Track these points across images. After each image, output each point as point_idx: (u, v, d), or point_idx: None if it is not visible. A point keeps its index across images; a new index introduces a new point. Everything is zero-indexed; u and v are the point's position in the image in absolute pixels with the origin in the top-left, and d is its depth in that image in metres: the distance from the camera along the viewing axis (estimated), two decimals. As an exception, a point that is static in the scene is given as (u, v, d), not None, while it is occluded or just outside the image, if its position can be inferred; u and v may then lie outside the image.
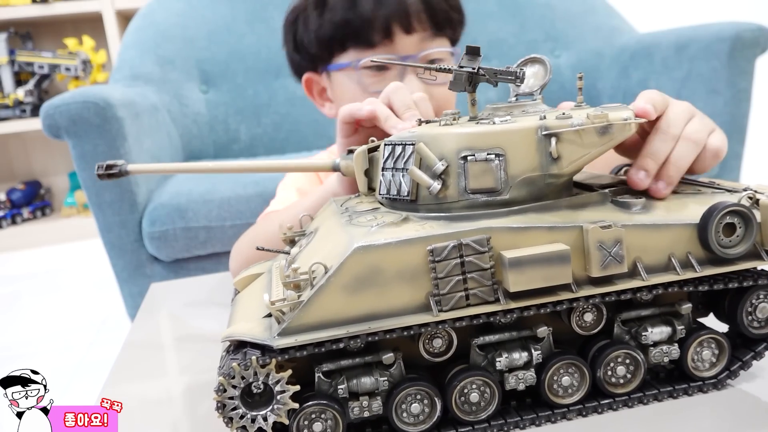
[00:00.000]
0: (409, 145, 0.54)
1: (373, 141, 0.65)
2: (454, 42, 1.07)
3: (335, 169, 0.63)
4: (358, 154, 0.61)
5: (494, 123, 0.53)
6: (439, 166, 0.51)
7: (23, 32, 3.24)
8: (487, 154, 0.51)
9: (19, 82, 3.20)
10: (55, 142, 2.61)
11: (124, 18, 3.11)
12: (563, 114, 0.53)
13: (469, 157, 0.51)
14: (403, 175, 0.54)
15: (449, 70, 0.56)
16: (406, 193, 0.54)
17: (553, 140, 0.51)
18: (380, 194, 0.56)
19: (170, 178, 1.59)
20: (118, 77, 1.73)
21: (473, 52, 0.55)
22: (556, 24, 2.03)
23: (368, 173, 0.63)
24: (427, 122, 0.59)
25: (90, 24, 3.24)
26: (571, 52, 2.04)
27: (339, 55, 1.03)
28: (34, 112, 3.08)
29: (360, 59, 1.00)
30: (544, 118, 0.53)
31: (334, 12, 1.01)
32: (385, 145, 0.56)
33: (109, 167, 0.67)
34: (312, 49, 1.05)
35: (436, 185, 0.52)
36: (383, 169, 0.56)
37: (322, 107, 1.14)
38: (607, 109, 0.55)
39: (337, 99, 1.08)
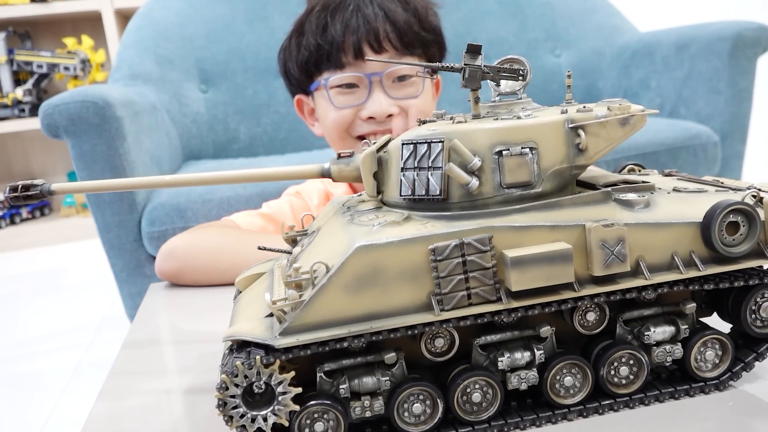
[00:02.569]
0: (435, 142, 0.53)
1: (367, 143, 0.63)
2: (430, 59, 1.13)
3: (324, 174, 0.60)
4: (367, 156, 0.57)
5: (519, 118, 0.53)
6: (476, 162, 0.51)
7: (22, 31, 3.23)
8: (522, 148, 0.52)
9: (17, 81, 3.20)
10: (53, 142, 2.61)
11: (123, 17, 3.11)
12: (584, 107, 0.54)
13: (504, 152, 0.52)
14: (431, 174, 0.53)
15: (453, 68, 0.56)
16: (437, 192, 0.53)
17: (582, 132, 0.53)
18: (401, 195, 0.54)
19: (169, 178, 1.59)
20: (117, 77, 1.73)
21: (474, 50, 0.55)
22: (557, 23, 2.03)
23: (376, 175, 0.59)
24: (424, 122, 0.58)
25: (89, 23, 3.24)
26: (572, 51, 2.04)
27: (316, 77, 1.12)
28: (33, 111, 3.08)
29: (329, 77, 1.08)
30: (566, 111, 0.54)
31: (308, 38, 1.09)
32: (403, 144, 0.54)
33: (25, 188, 0.59)
34: (295, 74, 1.15)
35: (475, 182, 0.51)
36: (404, 170, 0.54)
37: (312, 126, 1.22)
38: (608, 102, 0.55)
39: (319, 117, 1.16)
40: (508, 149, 0.51)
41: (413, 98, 1.09)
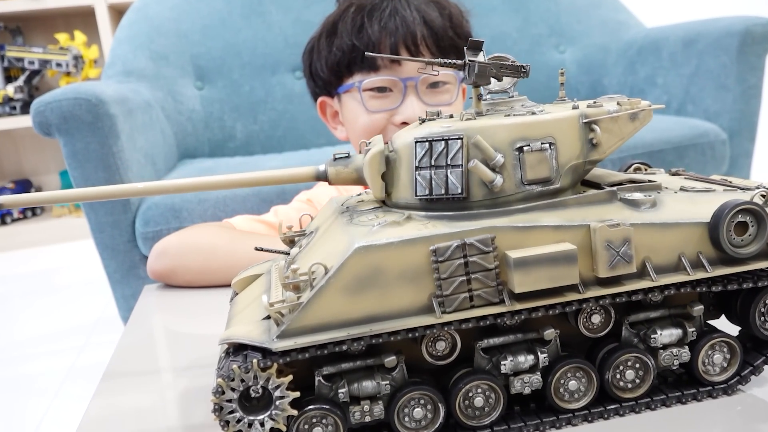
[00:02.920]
0: (453, 139, 0.52)
1: (368, 143, 0.62)
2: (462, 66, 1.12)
3: (319, 177, 0.58)
4: (375, 156, 0.55)
5: (534, 113, 0.54)
6: (500, 159, 0.51)
7: (13, 27, 3.23)
8: (542, 143, 0.52)
9: (8, 78, 3.20)
10: (45, 140, 2.61)
11: (117, 12, 3.11)
12: (594, 102, 0.56)
13: (525, 148, 0.52)
14: (450, 172, 0.52)
15: (454, 64, 0.56)
16: (458, 191, 0.52)
17: (597, 127, 0.53)
18: (417, 196, 0.53)
19: (164, 177, 1.59)
20: (111, 73, 1.73)
21: (475, 46, 0.55)
22: (561, 18, 2.03)
23: (384, 176, 0.58)
24: (423, 121, 0.58)
25: (82, 18, 3.24)
26: (577, 47, 2.04)
27: (346, 79, 1.11)
28: (25, 109, 3.08)
29: (363, 80, 1.08)
30: (578, 107, 0.54)
31: (342, 39, 1.08)
32: (417, 142, 0.53)
33: None
34: (323, 74, 1.13)
35: (500, 179, 0.52)
36: (418, 169, 0.53)
37: (334, 130, 1.21)
38: (610, 98, 0.56)
39: (345, 121, 1.15)
40: (529, 145, 0.52)
41: (446, 105, 1.09)
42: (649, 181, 0.58)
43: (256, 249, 0.65)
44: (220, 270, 0.97)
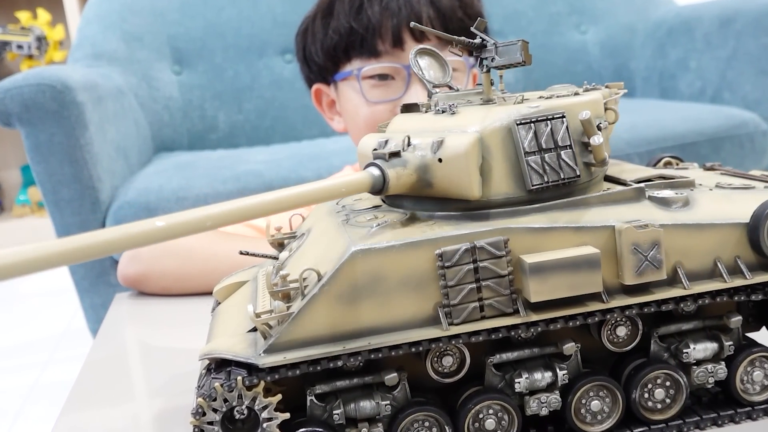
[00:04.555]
0: (557, 118, 0.53)
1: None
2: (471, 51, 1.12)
3: (376, 187, 0.52)
4: (474, 146, 0.51)
5: (578, 93, 0.57)
6: (600, 138, 0.53)
7: (-32, 4, 3.24)
8: (602, 121, 0.55)
9: (-37, 61, 3.20)
10: (5, 131, 2.61)
11: (85, -12, 3.11)
12: (591, 87, 0.59)
13: (601, 124, 0.54)
14: (561, 154, 0.52)
15: (472, 44, 0.56)
16: (575, 173, 0.53)
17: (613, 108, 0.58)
18: (533, 185, 0.52)
19: (138, 172, 1.59)
20: (78, 56, 1.73)
21: (479, 28, 0.56)
22: (583, -5, 2.03)
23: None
24: (408, 108, 0.59)
25: (45, -5, 3.24)
26: (600, 28, 2.04)
27: (344, 65, 1.11)
28: (-19, 96, 3.08)
29: (362, 67, 1.07)
30: (579, 93, 0.57)
31: (339, 20, 1.08)
32: (518, 124, 0.52)
33: None
34: (318, 60, 1.13)
35: (607, 156, 0.54)
36: (527, 154, 0.52)
37: (331, 121, 1.21)
38: (558, 88, 0.60)
39: (343, 112, 1.15)
40: (600, 122, 0.54)
41: None
42: (681, 177, 0.58)
43: (241, 253, 0.65)
44: (200, 276, 0.97)
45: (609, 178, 0.60)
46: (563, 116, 0.52)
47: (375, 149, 0.54)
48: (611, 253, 0.51)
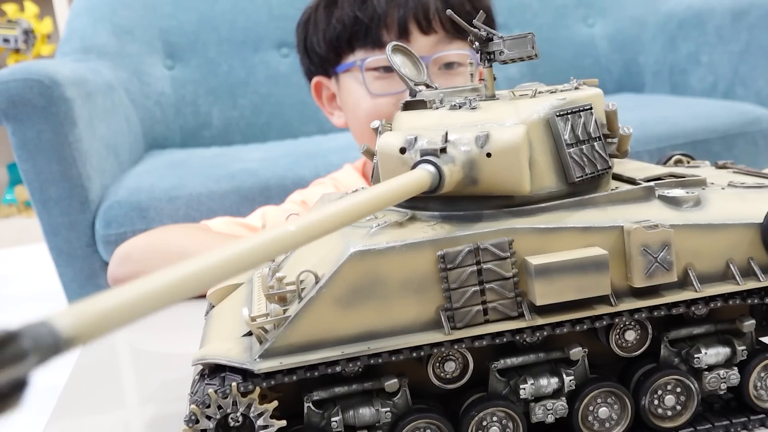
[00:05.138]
0: (586, 110, 0.54)
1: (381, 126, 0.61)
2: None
3: (434, 185, 0.49)
4: (524, 140, 0.50)
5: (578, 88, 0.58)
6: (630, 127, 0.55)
7: (-47, -3, 3.24)
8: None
9: (-53, 56, 3.20)
10: (-10, 128, 2.61)
11: (74, -20, 3.11)
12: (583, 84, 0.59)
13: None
14: (594, 146, 0.54)
15: (479, 37, 0.56)
16: (608, 164, 0.55)
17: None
18: (577, 178, 0.53)
19: (128, 171, 1.59)
20: (67, 50, 1.73)
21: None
22: (590, -14, 2.03)
23: None
24: (410, 105, 0.59)
25: (33, -13, 3.24)
26: (608, 20, 2.04)
27: (346, 56, 1.11)
28: (-34, 91, 3.08)
29: (366, 58, 1.08)
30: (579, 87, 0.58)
31: (343, 9, 1.08)
32: (558, 116, 0.52)
33: None
34: (320, 50, 1.14)
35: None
36: (569, 146, 0.53)
37: (331, 115, 1.21)
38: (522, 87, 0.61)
39: (344, 105, 1.15)
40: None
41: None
42: (692, 175, 0.58)
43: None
44: None
45: (617, 177, 0.60)
46: (591, 108, 0.54)
47: (403, 147, 0.52)
48: (620, 254, 0.51)
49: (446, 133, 0.51)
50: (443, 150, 0.50)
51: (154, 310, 0.30)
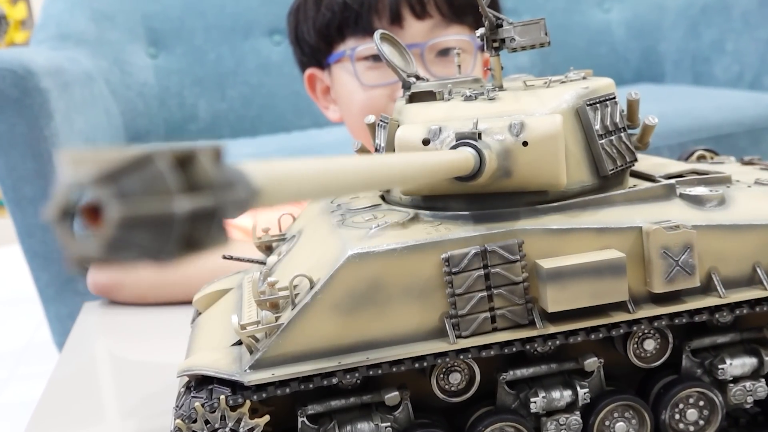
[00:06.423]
0: (611, 100, 0.56)
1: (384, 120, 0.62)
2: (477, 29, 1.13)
3: (474, 171, 0.48)
4: (561, 129, 0.50)
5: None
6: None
7: None
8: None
9: None
10: (-40, 121, 2.61)
11: (50, -39, 3.11)
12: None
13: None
14: (621, 137, 0.56)
15: (494, 23, 0.57)
16: (634, 157, 0.57)
17: None
18: (609, 170, 0.54)
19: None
20: (42, 37, 1.73)
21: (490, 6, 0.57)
22: (606, -31, 2.03)
23: None
24: (416, 97, 0.59)
25: (5, -31, 3.24)
26: (625, 5, 2.04)
27: (337, 45, 1.12)
28: (-66, 82, 3.08)
29: (356, 47, 1.08)
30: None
31: None
32: (588, 105, 0.53)
33: None
34: (310, 40, 1.14)
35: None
36: (601, 137, 0.54)
37: (325, 110, 1.22)
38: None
39: (338, 98, 1.16)
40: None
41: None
42: (716, 172, 0.58)
43: (224, 257, 0.65)
44: (178, 283, 0.97)
45: (635, 174, 0.60)
46: (615, 97, 0.55)
47: (426, 138, 0.52)
48: (638, 257, 0.51)
49: (476, 121, 0.51)
50: (479, 135, 0.50)
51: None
